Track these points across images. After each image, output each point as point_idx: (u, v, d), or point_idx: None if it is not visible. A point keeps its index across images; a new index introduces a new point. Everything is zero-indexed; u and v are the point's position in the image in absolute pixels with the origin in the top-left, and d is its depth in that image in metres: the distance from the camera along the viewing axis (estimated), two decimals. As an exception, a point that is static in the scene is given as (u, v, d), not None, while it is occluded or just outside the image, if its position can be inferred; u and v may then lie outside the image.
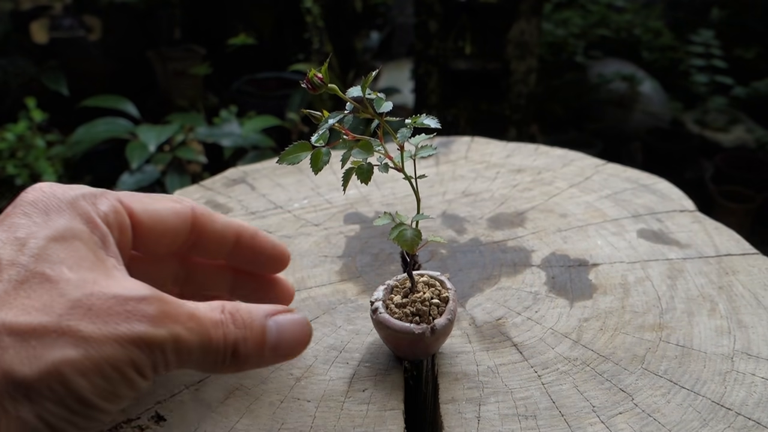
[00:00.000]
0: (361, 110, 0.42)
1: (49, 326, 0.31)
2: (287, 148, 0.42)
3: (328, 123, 0.41)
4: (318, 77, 0.41)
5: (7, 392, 0.30)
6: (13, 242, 0.34)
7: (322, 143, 0.42)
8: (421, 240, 0.44)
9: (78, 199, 0.38)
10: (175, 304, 0.35)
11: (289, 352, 0.39)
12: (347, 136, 0.42)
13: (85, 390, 0.31)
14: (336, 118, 0.41)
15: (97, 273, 0.34)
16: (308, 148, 0.42)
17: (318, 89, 0.42)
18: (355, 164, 0.43)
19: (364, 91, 0.41)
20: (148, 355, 0.33)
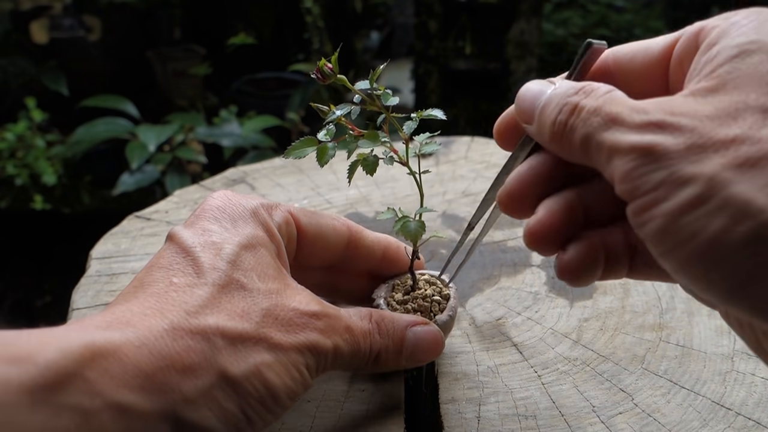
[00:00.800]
0: (369, 103, 0.42)
1: (251, 332, 0.35)
2: (294, 143, 0.43)
3: (335, 114, 0.42)
4: (328, 67, 0.42)
5: (220, 387, 0.33)
6: (211, 246, 0.38)
7: (329, 138, 0.42)
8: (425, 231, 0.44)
9: (258, 209, 0.41)
10: (335, 317, 0.39)
11: (422, 359, 0.43)
12: (353, 131, 0.42)
13: (279, 388, 0.35)
14: (344, 110, 0.42)
15: (278, 283, 0.39)
16: (314, 143, 0.43)
17: (327, 79, 0.42)
18: (360, 157, 0.43)
19: (372, 83, 0.42)
20: (316, 359, 0.37)
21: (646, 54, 0.35)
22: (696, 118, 0.28)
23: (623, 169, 0.28)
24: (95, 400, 0.30)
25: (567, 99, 0.32)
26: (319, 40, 2.26)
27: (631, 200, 0.29)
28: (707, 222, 0.26)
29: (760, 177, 0.25)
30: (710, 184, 0.26)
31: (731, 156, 0.26)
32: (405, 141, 0.44)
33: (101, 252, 0.60)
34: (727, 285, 0.26)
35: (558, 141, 0.33)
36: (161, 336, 0.33)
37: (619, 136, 0.29)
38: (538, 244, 0.34)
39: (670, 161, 0.27)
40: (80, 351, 0.30)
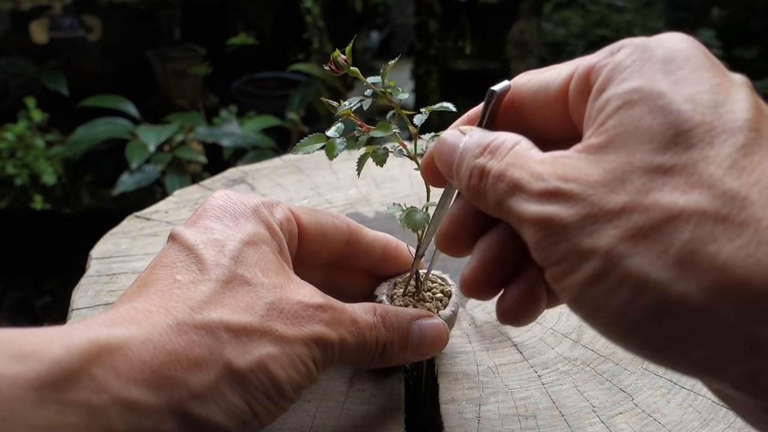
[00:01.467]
0: (380, 96, 0.42)
1: (255, 326, 0.35)
2: (303, 139, 0.43)
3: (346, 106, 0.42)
4: (342, 58, 0.42)
5: (226, 380, 0.34)
6: (213, 244, 0.38)
7: (338, 135, 0.43)
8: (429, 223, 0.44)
9: (259, 207, 0.41)
10: (340, 310, 0.39)
11: (428, 352, 0.44)
12: (361, 127, 0.43)
13: (284, 381, 0.35)
14: (355, 102, 0.42)
15: (282, 277, 0.39)
16: (323, 139, 0.43)
17: (341, 70, 0.42)
18: (369, 150, 0.43)
19: (383, 77, 0.42)
20: (323, 352, 0.37)
21: (546, 93, 0.35)
22: (587, 184, 0.28)
23: (530, 239, 0.29)
24: (102, 396, 0.30)
25: (475, 162, 0.33)
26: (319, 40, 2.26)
27: (545, 269, 0.29)
28: (610, 296, 0.26)
29: (652, 248, 0.25)
30: (607, 258, 0.26)
31: (623, 227, 0.26)
32: (414, 135, 0.44)
33: (101, 252, 0.60)
34: (645, 352, 0.27)
35: (476, 201, 0.34)
36: (165, 332, 0.33)
37: (523, 205, 0.29)
38: (475, 294, 0.35)
39: (569, 233, 0.27)
40: (86, 347, 0.30)
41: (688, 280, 0.24)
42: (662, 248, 0.25)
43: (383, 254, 0.48)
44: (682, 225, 0.25)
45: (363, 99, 0.43)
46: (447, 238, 0.37)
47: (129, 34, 2.65)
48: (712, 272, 0.24)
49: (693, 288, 0.24)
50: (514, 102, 0.36)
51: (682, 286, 0.24)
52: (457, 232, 0.36)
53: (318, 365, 0.37)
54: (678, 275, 0.25)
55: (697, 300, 0.24)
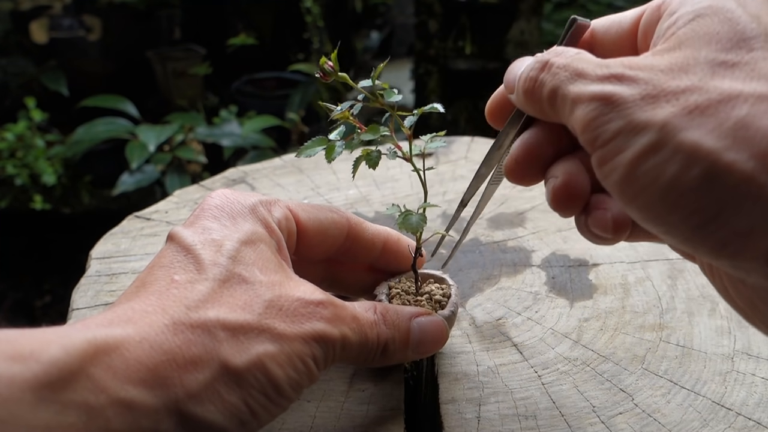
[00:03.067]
0: (372, 100, 0.42)
1: (253, 323, 0.35)
2: (306, 143, 0.43)
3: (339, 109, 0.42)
4: (329, 64, 0.42)
5: (223, 380, 0.33)
6: (211, 244, 0.38)
7: (339, 138, 0.43)
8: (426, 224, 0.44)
9: (257, 206, 0.41)
10: (341, 306, 0.39)
11: (428, 349, 0.44)
12: (360, 130, 0.43)
13: (282, 379, 0.35)
14: (347, 105, 0.42)
15: (280, 275, 0.39)
16: (325, 142, 0.43)
17: (329, 76, 0.42)
18: (364, 152, 0.43)
19: (374, 80, 0.42)
20: (324, 350, 0.37)
21: (619, 27, 0.37)
22: (652, 71, 0.30)
23: (584, 117, 0.30)
24: (100, 396, 0.30)
25: (539, 58, 0.35)
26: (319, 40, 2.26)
27: (593, 151, 0.30)
28: (663, 168, 0.28)
29: (707, 122, 0.27)
30: (663, 131, 0.28)
31: (681, 104, 0.28)
32: (408, 136, 0.44)
33: (101, 252, 0.60)
34: (686, 226, 0.28)
35: (529, 96, 0.35)
36: (162, 331, 0.33)
37: (582, 87, 0.31)
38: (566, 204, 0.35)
39: (626, 110, 0.29)
40: (83, 347, 0.30)
41: (738, 150, 0.26)
42: (718, 122, 0.27)
43: (384, 248, 0.48)
44: (740, 104, 0.27)
45: (354, 103, 0.43)
46: (519, 162, 0.37)
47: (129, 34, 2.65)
48: (762, 142, 0.26)
49: (743, 157, 0.26)
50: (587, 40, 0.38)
51: (732, 155, 0.26)
52: (530, 156, 0.37)
53: (319, 364, 0.37)
54: (730, 145, 0.26)
55: (746, 168, 0.26)
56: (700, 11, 0.31)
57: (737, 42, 0.29)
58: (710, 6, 0.31)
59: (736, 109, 0.27)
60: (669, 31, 0.32)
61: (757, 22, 0.30)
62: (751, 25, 0.30)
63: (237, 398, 0.34)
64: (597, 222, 0.34)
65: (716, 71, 0.28)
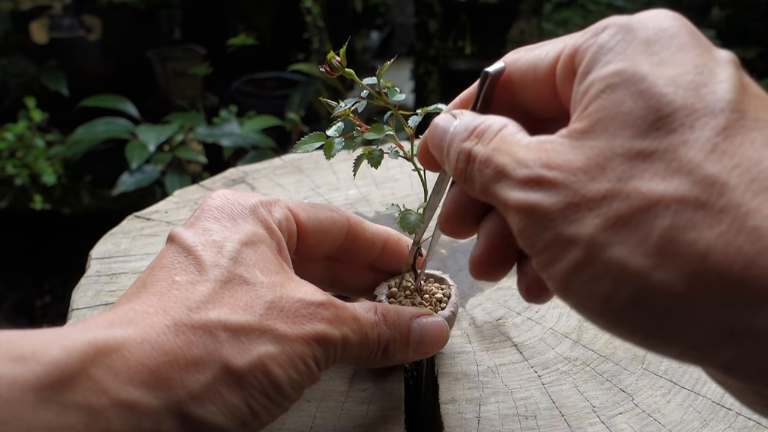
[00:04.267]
0: (375, 98, 0.42)
1: (254, 324, 0.35)
2: (303, 138, 0.43)
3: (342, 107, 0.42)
4: (336, 60, 0.42)
5: (224, 381, 0.33)
6: (212, 245, 0.38)
7: (337, 135, 0.43)
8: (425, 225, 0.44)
9: (258, 207, 0.41)
10: (342, 307, 0.39)
11: (429, 350, 0.44)
12: (360, 127, 0.43)
13: (283, 380, 0.35)
14: (351, 103, 0.42)
15: (281, 276, 0.38)
16: (323, 138, 0.43)
17: (336, 72, 0.42)
18: (366, 151, 0.43)
19: (379, 79, 0.42)
20: (325, 351, 0.37)
21: (535, 74, 0.34)
22: (570, 171, 0.28)
23: (515, 226, 0.29)
24: (101, 397, 0.30)
25: (461, 146, 0.33)
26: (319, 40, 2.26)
27: (531, 256, 0.29)
28: (595, 285, 0.26)
29: (632, 236, 0.25)
30: (590, 247, 0.26)
31: (604, 215, 0.26)
32: (410, 136, 0.44)
33: (101, 252, 0.60)
34: (634, 340, 0.27)
35: (464, 185, 0.34)
36: (163, 332, 0.33)
37: (507, 191, 0.30)
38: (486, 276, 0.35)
39: (552, 221, 0.27)
40: (84, 349, 0.30)
41: (667, 269, 0.24)
42: (642, 236, 0.25)
43: (384, 248, 0.48)
44: (662, 212, 0.25)
45: (358, 101, 0.43)
46: (449, 220, 0.37)
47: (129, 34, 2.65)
48: (691, 260, 0.24)
49: (673, 276, 0.24)
50: (505, 81, 0.36)
51: (662, 274, 0.24)
52: (459, 213, 0.36)
53: (320, 364, 0.37)
54: (658, 263, 0.24)
55: (678, 288, 0.24)
56: (610, 80, 0.28)
57: (653, 122, 0.26)
58: (620, 72, 0.28)
59: (659, 218, 0.25)
60: (583, 101, 0.29)
61: (674, 89, 0.26)
62: (667, 96, 0.26)
63: (238, 399, 0.34)
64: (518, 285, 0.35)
65: (634, 165, 0.26)
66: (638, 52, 0.28)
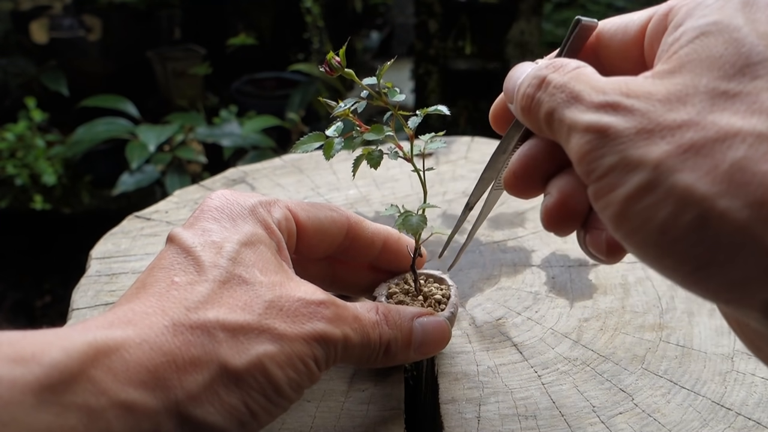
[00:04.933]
0: (375, 98, 0.42)
1: (253, 324, 0.35)
2: (302, 138, 0.43)
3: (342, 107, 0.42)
4: (336, 60, 0.42)
5: (222, 381, 0.33)
6: (211, 245, 0.38)
7: (337, 135, 0.43)
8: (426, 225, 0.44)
9: (257, 207, 0.41)
10: (343, 306, 0.39)
11: (430, 350, 0.44)
12: (360, 128, 0.43)
13: (281, 380, 0.35)
14: (351, 103, 0.42)
15: (281, 276, 0.38)
16: (322, 138, 0.43)
17: (335, 72, 0.42)
18: (365, 151, 0.43)
19: (379, 79, 0.42)
20: (325, 350, 0.37)
21: (624, 33, 0.35)
22: (649, 101, 0.28)
23: (579, 148, 0.29)
24: (101, 398, 0.30)
25: (537, 72, 0.33)
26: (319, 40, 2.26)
27: (588, 184, 0.29)
28: (655, 210, 0.26)
29: (702, 164, 0.26)
30: (656, 171, 0.26)
31: (676, 142, 0.26)
32: (410, 137, 0.44)
33: (101, 252, 0.60)
34: (682, 273, 0.27)
35: (527, 114, 0.34)
36: (162, 333, 0.33)
37: (577, 114, 0.30)
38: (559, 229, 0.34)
39: (621, 144, 0.28)
40: (84, 350, 0.30)
41: (732, 197, 0.25)
42: (713, 164, 0.25)
43: (384, 247, 0.48)
44: (737, 144, 0.25)
45: (357, 101, 0.43)
46: (517, 176, 0.36)
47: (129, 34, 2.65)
48: (759, 190, 0.24)
49: (737, 205, 0.25)
50: (593, 43, 0.36)
51: (726, 202, 0.25)
52: (528, 170, 0.35)
53: (320, 364, 0.37)
54: (724, 191, 0.25)
55: (740, 217, 0.25)
56: (705, 28, 0.29)
57: (741, 68, 0.27)
58: (716, 23, 0.29)
59: (732, 149, 0.25)
60: (672, 48, 0.30)
61: (766, 42, 0.28)
62: (758, 47, 0.27)
63: (236, 399, 0.34)
64: (593, 242, 0.34)
65: (716, 102, 0.27)
66: (735, 9, 0.29)
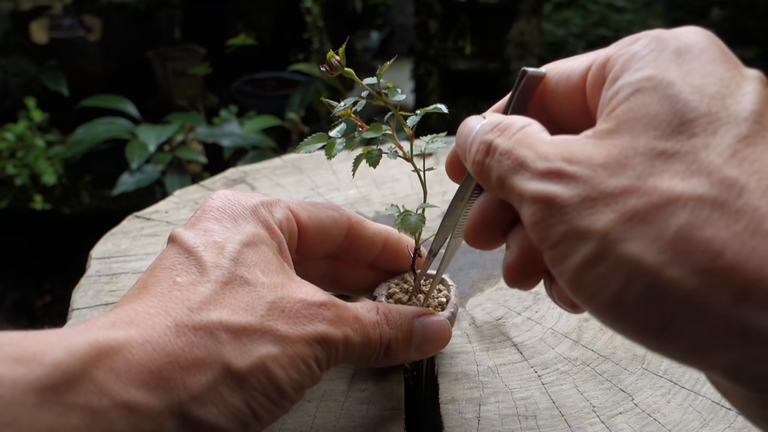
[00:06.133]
0: (375, 98, 0.42)
1: (255, 325, 0.35)
2: (306, 139, 0.43)
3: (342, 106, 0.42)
4: (336, 59, 0.42)
5: (225, 382, 0.33)
6: (213, 246, 0.38)
7: (339, 135, 0.43)
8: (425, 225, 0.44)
9: (258, 207, 0.41)
10: (343, 307, 0.39)
11: (431, 350, 0.44)
12: (361, 128, 0.43)
13: (284, 381, 0.35)
14: (351, 101, 0.42)
15: (282, 277, 0.38)
16: (325, 139, 0.43)
17: (335, 71, 0.42)
18: (365, 151, 0.43)
19: (379, 79, 0.42)
20: (327, 351, 0.37)
21: (567, 81, 0.35)
22: (590, 167, 0.28)
23: (529, 217, 0.29)
24: (103, 399, 0.30)
25: (483, 137, 0.33)
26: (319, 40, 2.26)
27: (543, 251, 0.29)
28: (606, 280, 0.26)
29: (646, 232, 0.25)
30: (603, 241, 0.26)
31: (620, 210, 0.26)
32: (409, 136, 0.44)
33: (101, 252, 0.60)
34: (641, 339, 0.27)
35: (479, 177, 0.34)
36: (164, 333, 0.33)
37: (525, 182, 0.30)
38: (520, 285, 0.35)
39: (568, 214, 0.27)
40: (86, 350, 0.30)
41: (681, 265, 0.25)
42: (657, 232, 0.25)
43: (384, 247, 0.48)
44: (679, 210, 0.25)
45: (357, 100, 0.43)
46: (476, 230, 0.36)
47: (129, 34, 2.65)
48: (705, 257, 0.24)
49: (686, 273, 0.24)
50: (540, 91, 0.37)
51: (675, 270, 0.25)
52: (486, 223, 0.36)
53: (321, 365, 0.37)
54: (671, 259, 0.25)
55: (689, 285, 0.24)
56: (639, 84, 0.29)
57: (677, 126, 0.27)
58: (649, 78, 0.29)
59: (675, 216, 0.25)
60: (611, 104, 0.30)
61: (700, 96, 0.27)
62: (692, 103, 0.27)
63: (239, 400, 0.34)
64: (558, 296, 0.34)
65: (655, 164, 0.27)
66: (669, 61, 0.29)
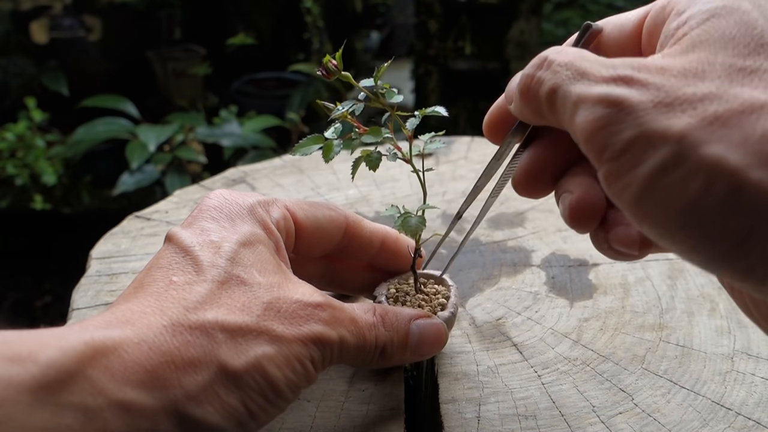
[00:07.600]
0: (373, 100, 0.42)
1: (251, 325, 0.35)
2: (302, 140, 0.43)
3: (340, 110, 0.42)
4: (333, 63, 0.42)
5: (221, 381, 0.33)
6: (210, 245, 0.38)
7: (336, 136, 0.43)
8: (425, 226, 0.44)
9: (255, 207, 0.41)
10: (340, 309, 0.39)
11: (427, 352, 0.44)
12: (358, 129, 0.43)
13: (280, 381, 0.35)
14: (348, 106, 0.42)
15: (279, 277, 0.38)
16: (321, 140, 0.43)
17: (332, 75, 0.42)
18: (364, 153, 0.43)
19: (376, 80, 0.42)
20: (322, 352, 0.37)
21: (621, 31, 0.35)
22: (663, 75, 0.27)
23: (589, 123, 0.28)
24: (98, 398, 0.30)
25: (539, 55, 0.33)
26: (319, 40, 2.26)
27: (601, 164, 0.28)
28: (684, 185, 0.25)
29: (730, 135, 0.25)
30: (682, 144, 0.25)
31: (700, 114, 0.25)
32: (408, 138, 0.44)
33: (101, 252, 0.60)
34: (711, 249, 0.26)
35: (525, 96, 0.33)
36: (160, 332, 0.33)
37: (586, 87, 0.28)
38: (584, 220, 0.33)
39: (639, 118, 0.26)
40: (81, 349, 0.30)
41: (766, 168, 0.24)
42: (743, 135, 0.25)
43: (382, 246, 0.48)
44: (765, 115, 0.25)
45: (355, 103, 0.43)
46: (528, 176, 0.36)
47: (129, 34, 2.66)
48: None
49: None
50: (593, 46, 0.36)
51: (760, 173, 0.24)
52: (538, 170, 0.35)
53: (317, 365, 0.37)
54: (757, 162, 0.24)
55: None
56: (715, 11, 0.29)
57: (755, 47, 0.27)
58: (725, 6, 0.28)
59: (761, 121, 0.24)
60: (680, 31, 0.29)
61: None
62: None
63: (235, 400, 0.34)
64: (621, 239, 0.32)
65: (734, 78, 0.26)
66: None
